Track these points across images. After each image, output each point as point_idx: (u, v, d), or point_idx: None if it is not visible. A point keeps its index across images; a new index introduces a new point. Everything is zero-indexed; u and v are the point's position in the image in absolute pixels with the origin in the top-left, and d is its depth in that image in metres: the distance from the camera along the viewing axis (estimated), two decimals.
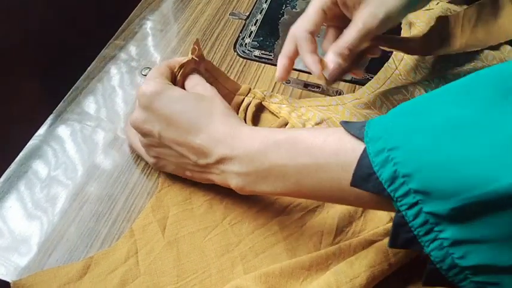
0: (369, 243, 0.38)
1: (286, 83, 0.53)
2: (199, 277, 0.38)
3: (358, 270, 0.34)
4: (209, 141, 0.37)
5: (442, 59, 0.52)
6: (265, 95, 0.49)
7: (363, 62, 0.53)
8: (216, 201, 0.42)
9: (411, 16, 0.57)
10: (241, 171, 0.36)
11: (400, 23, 0.57)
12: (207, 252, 0.39)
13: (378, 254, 0.35)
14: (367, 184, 0.29)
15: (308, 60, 0.42)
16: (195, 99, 0.39)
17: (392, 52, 0.53)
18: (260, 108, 0.49)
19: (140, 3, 0.63)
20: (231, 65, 0.55)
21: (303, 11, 0.62)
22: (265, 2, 0.64)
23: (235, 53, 0.56)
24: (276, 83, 0.53)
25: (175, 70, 0.43)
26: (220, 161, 0.36)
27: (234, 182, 0.37)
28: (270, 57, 0.56)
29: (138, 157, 0.46)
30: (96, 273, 0.38)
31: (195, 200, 0.42)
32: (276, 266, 0.36)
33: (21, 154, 0.46)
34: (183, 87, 0.43)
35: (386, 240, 0.36)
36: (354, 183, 0.30)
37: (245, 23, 0.61)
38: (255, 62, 0.55)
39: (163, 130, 0.38)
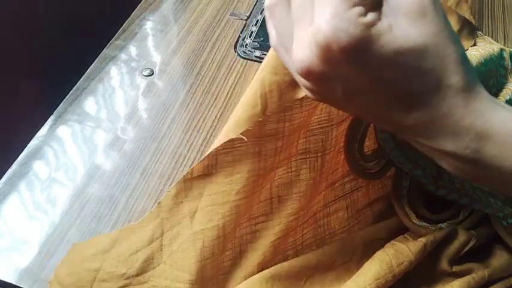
0: (371, 241, 0.38)
1: None
2: (216, 278, 0.36)
3: (363, 284, 0.34)
4: (432, 125, 0.24)
5: None
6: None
7: None
8: (257, 184, 0.37)
9: None
10: (473, 173, 0.25)
11: None
12: (234, 249, 0.37)
13: (382, 266, 0.35)
14: None
15: None
16: (418, 55, 0.22)
17: None
18: None
19: (140, 4, 0.63)
20: (232, 66, 0.55)
21: None
22: None
23: (236, 54, 0.56)
24: None
25: None
26: (444, 152, 0.25)
27: (447, 167, 0.26)
28: None
29: (139, 158, 0.46)
30: (121, 250, 0.36)
31: (235, 179, 0.36)
32: (284, 265, 0.36)
33: (22, 155, 0.46)
34: None
35: (389, 249, 0.36)
36: None
37: (246, 23, 0.61)
38: (255, 63, 0.55)
39: (352, 95, 0.25)
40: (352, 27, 0.21)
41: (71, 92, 0.52)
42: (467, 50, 0.48)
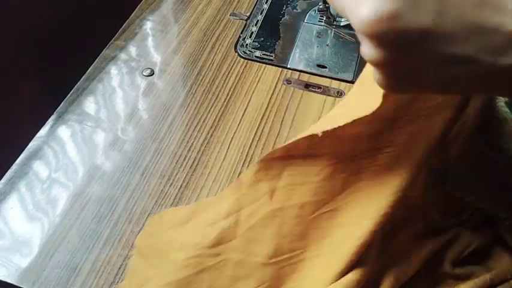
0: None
1: (287, 83, 0.53)
2: (293, 259, 0.34)
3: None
4: None
5: None
6: None
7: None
8: (338, 168, 0.34)
9: None
10: None
11: None
12: (311, 231, 0.34)
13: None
14: None
15: None
16: None
17: None
18: None
19: (140, 4, 0.63)
20: (232, 66, 0.55)
21: (303, 11, 0.63)
22: (266, 3, 0.63)
23: (236, 54, 0.56)
24: (276, 84, 0.53)
25: None
26: None
27: None
28: (271, 58, 0.56)
29: (139, 158, 0.46)
30: (198, 222, 0.36)
31: (315, 162, 0.34)
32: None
33: (22, 155, 0.46)
34: None
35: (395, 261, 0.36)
36: None
37: (246, 23, 0.61)
38: (256, 63, 0.55)
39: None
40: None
41: (71, 92, 0.52)
42: None
